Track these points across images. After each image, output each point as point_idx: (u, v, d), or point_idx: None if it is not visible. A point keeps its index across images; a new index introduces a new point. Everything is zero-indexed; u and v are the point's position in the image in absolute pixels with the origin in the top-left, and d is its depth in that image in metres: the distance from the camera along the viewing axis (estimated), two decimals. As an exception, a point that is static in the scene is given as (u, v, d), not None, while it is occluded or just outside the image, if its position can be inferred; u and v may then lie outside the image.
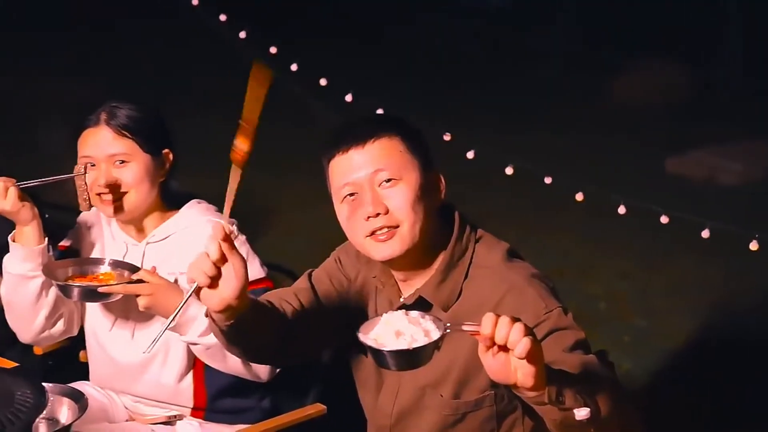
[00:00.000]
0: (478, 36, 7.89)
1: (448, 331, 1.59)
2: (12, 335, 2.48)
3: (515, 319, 1.52)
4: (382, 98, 3.26)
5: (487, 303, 1.83)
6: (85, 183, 2.27)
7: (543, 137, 5.98)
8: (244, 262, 1.72)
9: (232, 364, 2.25)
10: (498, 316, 1.52)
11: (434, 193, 1.91)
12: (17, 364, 2.20)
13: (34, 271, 2.29)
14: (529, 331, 1.51)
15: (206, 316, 1.84)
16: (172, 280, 2.26)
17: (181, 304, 1.77)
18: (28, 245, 2.28)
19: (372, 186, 1.86)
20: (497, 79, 7.18)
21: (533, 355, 1.51)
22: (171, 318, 1.79)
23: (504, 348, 1.52)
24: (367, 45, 7.65)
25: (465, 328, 1.57)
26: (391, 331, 1.61)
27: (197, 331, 2.19)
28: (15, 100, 6.62)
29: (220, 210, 2.37)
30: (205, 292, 1.73)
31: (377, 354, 1.60)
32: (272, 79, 1.69)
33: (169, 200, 2.37)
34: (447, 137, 3.11)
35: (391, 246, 1.85)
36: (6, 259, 2.32)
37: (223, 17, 3.62)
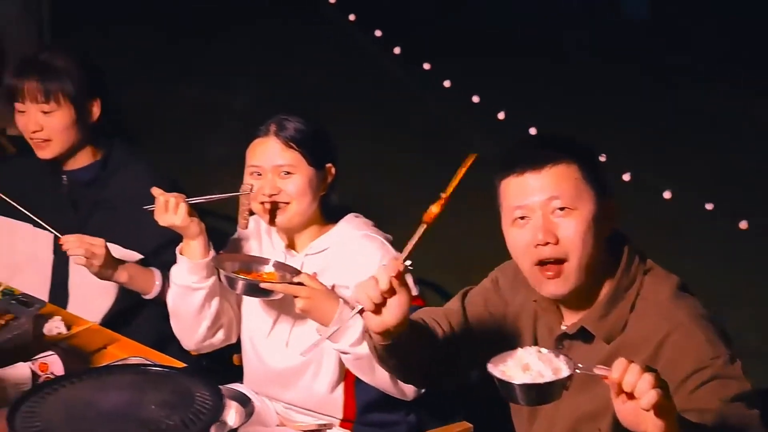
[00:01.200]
0: (624, 52, 7.73)
1: (577, 371, 1.58)
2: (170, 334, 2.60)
3: (648, 369, 1.50)
4: (532, 116, 3.24)
5: (650, 339, 1.79)
6: (248, 202, 2.34)
7: (699, 160, 5.76)
8: (410, 295, 1.76)
9: (379, 377, 2.26)
10: (629, 362, 1.50)
11: (607, 222, 1.86)
12: (185, 365, 2.27)
13: (198, 284, 2.37)
14: (659, 384, 1.49)
15: (364, 332, 1.86)
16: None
17: (348, 317, 1.80)
18: (194, 258, 2.36)
19: (545, 213, 1.82)
20: (648, 99, 7.00)
21: (661, 409, 1.48)
22: (330, 330, 1.82)
23: (632, 396, 1.50)
24: (515, 63, 7.56)
25: (596, 371, 1.56)
26: (520, 364, 1.62)
27: (349, 340, 2.22)
28: (183, 109, 6.83)
29: (378, 225, 2.43)
30: (369, 315, 1.77)
31: (504, 385, 1.61)
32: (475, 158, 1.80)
33: (328, 213, 2.41)
34: (602, 158, 3.05)
35: (558, 285, 1.82)
36: (173, 270, 2.41)
37: (378, 33, 3.66)
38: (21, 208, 2.56)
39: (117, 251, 2.59)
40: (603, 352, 1.84)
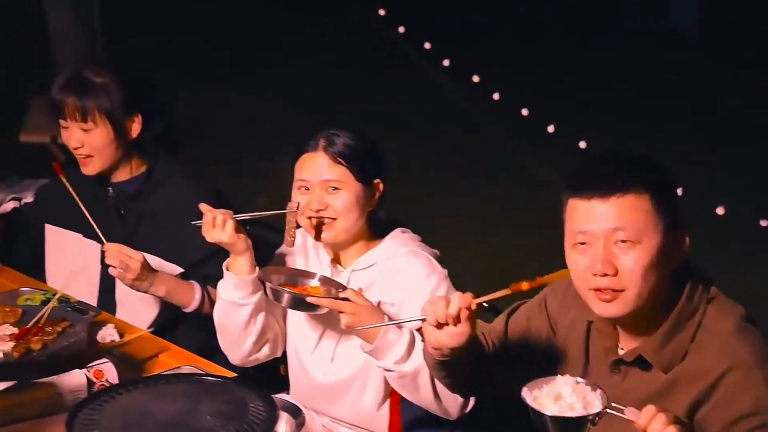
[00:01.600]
0: (673, 65, 7.64)
1: (606, 411, 1.58)
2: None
3: (677, 420, 1.50)
4: (583, 130, 3.22)
5: (709, 373, 1.75)
6: (295, 220, 2.35)
7: (750, 173, 5.67)
8: (473, 332, 1.79)
9: (423, 396, 2.25)
10: (658, 411, 1.50)
11: (675, 254, 1.79)
12: (236, 375, 2.29)
13: (244, 299, 2.39)
14: None
15: (422, 341, 1.87)
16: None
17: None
18: (240, 275, 2.37)
19: (607, 243, 1.77)
20: (699, 111, 6.92)
21: None
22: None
23: None
24: (567, 76, 7.50)
25: (627, 414, 1.55)
26: (553, 393, 1.62)
27: (393, 357, 2.21)
28: (228, 120, 6.88)
29: (425, 240, 2.43)
30: (429, 327, 1.80)
31: (534, 413, 1.61)
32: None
33: (376, 228, 2.41)
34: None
35: (613, 308, 1.78)
36: (220, 285, 2.42)
37: (427, 45, 3.67)
38: (87, 215, 2.59)
39: (157, 264, 2.62)
40: (659, 381, 1.80)
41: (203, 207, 2.37)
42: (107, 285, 2.73)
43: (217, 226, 2.33)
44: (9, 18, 8.36)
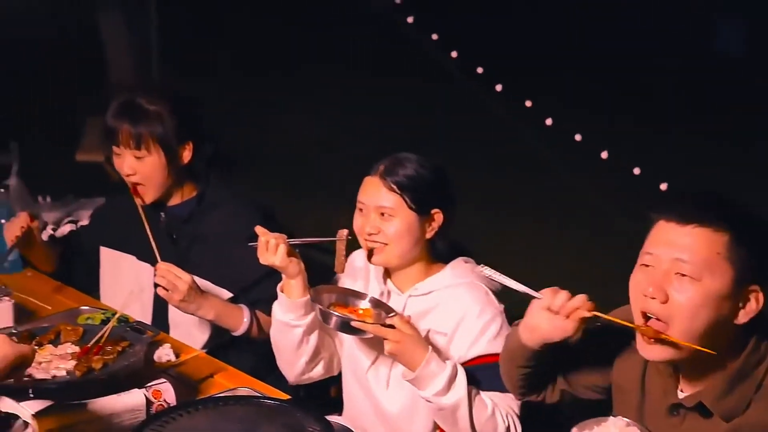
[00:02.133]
0: (719, 86, 7.55)
1: None
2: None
3: None
4: (637, 156, 3.20)
5: None
6: (345, 248, 2.37)
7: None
8: (578, 331, 1.86)
9: (461, 430, 2.24)
10: None
11: (740, 308, 1.72)
12: (290, 397, 2.31)
13: (296, 321, 2.42)
14: None
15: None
16: (423, 335, 2.29)
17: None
18: (292, 297, 2.40)
19: (667, 269, 1.74)
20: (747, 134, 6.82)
21: None
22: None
23: None
24: (620, 96, 7.42)
25: None
26: None
27: (434, 389, 2.20)
28: (279, 142, 6.92)
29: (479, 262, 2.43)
30: (537, 308, 1.88)
31: None
32: None
33: (437, 256, 2.41)
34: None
35: (659, 351, 1.75)
36: (274, 305, 2.46)
37: (479, 70, 3.68)
38: (150, 235, 2.62)
39: (207, 287, 2.64)
40: (720, 429, 1.76)
41: (258, 230, 2.40)
42: (161, 307, 2.77)
43: (270, 249, 2.37)
44: (66, 38, 8.53)
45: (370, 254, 2.37)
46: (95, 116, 6.08)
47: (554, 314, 1.84)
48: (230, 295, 2.70)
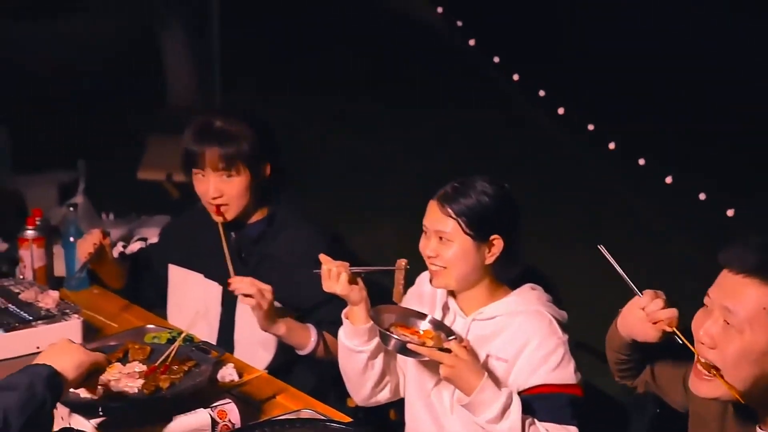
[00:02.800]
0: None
1: None
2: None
3: None
4: (703, 181, 3.15)
5: None
6: (404, 277, 2.37)
7: None
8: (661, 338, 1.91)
9: None
10: None
11: None
12: (351, 419, 2.31)
13: (360, 347, 2.43)
14: None
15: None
16: (484, 360, 2.29)
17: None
18: (356, 323, 2.42)
19: (717, 316, 1.73)
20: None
21: None
22: None
23: None
24: (687, 123, 7.30)
25: None
26: None
27: (487, 416, 2.20)
28: (342, 162, 6.95)
29: (556, 301, 2.42)
30: (634, 304, 1.95)
31: None
32: None
33: (503, 280, 2.40)
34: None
35: (706, 389, 1.75)
36: (339, 331, 2.48)
37: (542, 93, 3.67)
38: (228, 256, 2.65)
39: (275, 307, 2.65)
40: None
41: (322, 258, 2.43)
42: (227, 326, 2.79)
43: (332, 277, 2.39)
44: (126, 58, 8.70)
45: (431, 277, 2.38)
46: (156, 135, 6.22)
47: (645, 316, 1.90)
48: (296, 315, 2.71)
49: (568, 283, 2.45)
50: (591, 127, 3.48)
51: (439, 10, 4.24)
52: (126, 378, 2.22)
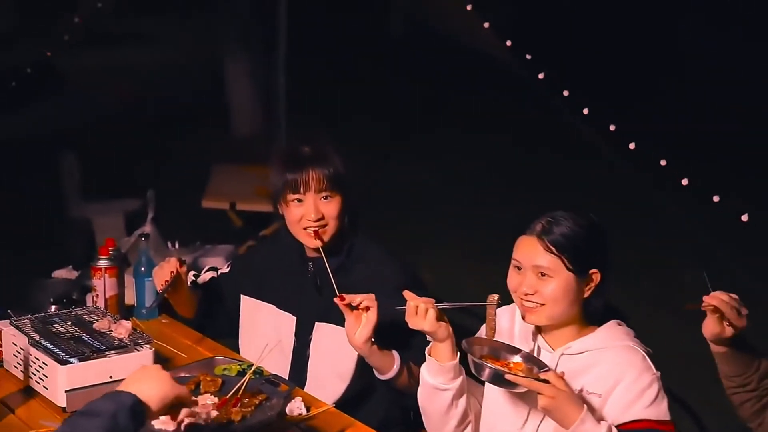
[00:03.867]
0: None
1: None
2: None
3: None
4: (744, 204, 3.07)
5: None
6: (495, 313, 2.34)
7: None
8: None
9: None
10: None
11: None
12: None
13: (445, 384, 2.40)
14: None
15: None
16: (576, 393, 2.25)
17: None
18: (441, 361, 2.39)
19: None
20: None
21: None
22: None
23: None
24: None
25: None
26: None
27: None
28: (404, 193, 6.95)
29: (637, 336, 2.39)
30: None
31: None
32: None
33: (590, 316, 2.37)
34: None
35: None
36: (422, 369, 2.45)
37: (612, 127, 3.64)
38: (332, 279, 2.61)
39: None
40: None
41: (407, 294, 2.40)
42: (300, 357, 2.79)
43: (419, 314, 2.36)
44: (193, 88, 8.84)
45: (524, 313, 2.34)
46: (220, 164, 6.30)
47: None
48: None
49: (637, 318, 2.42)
50: (663, 162, 3.42)
51: (508, 43, 4.23)
52: (199, 410, 2.22)
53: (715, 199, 3.17)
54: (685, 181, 3.23)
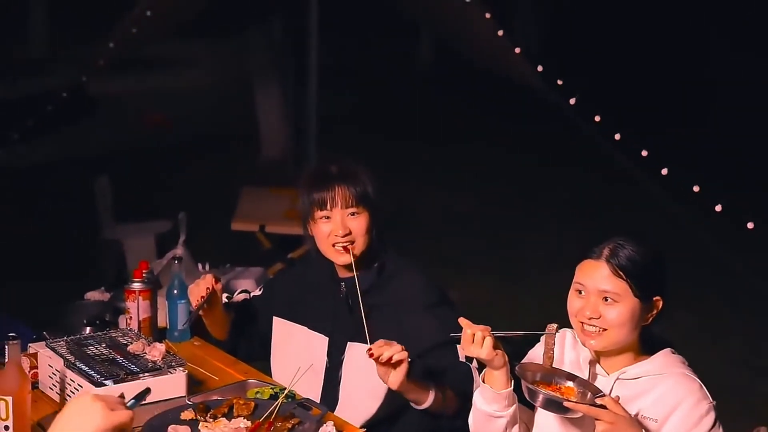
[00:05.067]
0: None
1: None
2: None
3: None
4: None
5: None
6: (553, 342, 2.33)
7: None
8: None
9: None
10: None
11: None
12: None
13: (500, 412, 2.38)
14: None
15: None
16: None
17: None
18: (496, 388, 2.37)
19: None
20: None
21: None
22: None
23: None
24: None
25: None
26: None
27: None
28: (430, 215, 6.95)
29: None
30: None
31: None
32: None
33: (646, 342, 2.37)
34: None
35: None
36: (476, 395, 2.43)
37: (644, 153, 3.62)
38: (364, 320, 2.61)
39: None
40: None
41: (463, 322, 2.38)
42: (332, 377, 2.78)
43: (476, 342, 2.34)
44: (224, 111, 8.93)
45: (590, 340, 2.33)
46: (249, 186, 6.34)
47: None
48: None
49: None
50: (696, 188, 3.40)
51: (539, 68, 4.24)
52: (230, 433, 2.23)
53: (750, 225, 3.14)
54: (718, 208, 3.20)
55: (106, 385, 2.43)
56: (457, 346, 2.56)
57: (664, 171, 3.53)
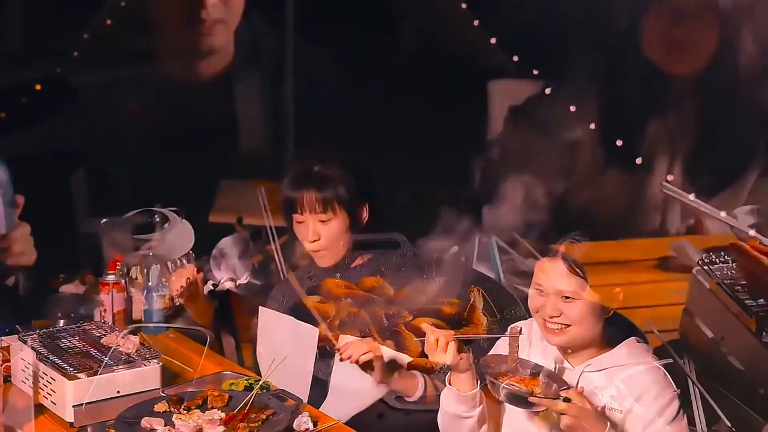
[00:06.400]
0: None
1: None
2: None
3: None
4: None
5: None
6: (517, 344, 2.33)
7: None
8: None
9: None
10: None
11: None
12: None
13: (467, 413, 2.39)
14: None
15: None
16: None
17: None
18: (462, 390, 2.38)
19: None
20: None
21: None
22: None
23: None
24: None
25: None
26: None
27: None
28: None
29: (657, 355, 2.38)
30: None
31: None
32: None
33: (610, 333, 2.38)
34: None
35: None
36: (443, 397, 2.44)
37: (619, 142, 3.63)
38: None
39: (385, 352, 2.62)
40: None
41: (426, 328, 2.39)
42: (321, 371, 2.77)
43: (440, 347, 2.34)
44: (200, 105, 8.88)
45: (555, 337, 2.33)
46: (227, 180, 6.31)
47: None
48: (409, 359, 2.67)
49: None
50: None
51: (515, 58, 4.25)
52: (207, 425, 2.23)
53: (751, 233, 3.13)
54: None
55: (78, 378, 2.42)
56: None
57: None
